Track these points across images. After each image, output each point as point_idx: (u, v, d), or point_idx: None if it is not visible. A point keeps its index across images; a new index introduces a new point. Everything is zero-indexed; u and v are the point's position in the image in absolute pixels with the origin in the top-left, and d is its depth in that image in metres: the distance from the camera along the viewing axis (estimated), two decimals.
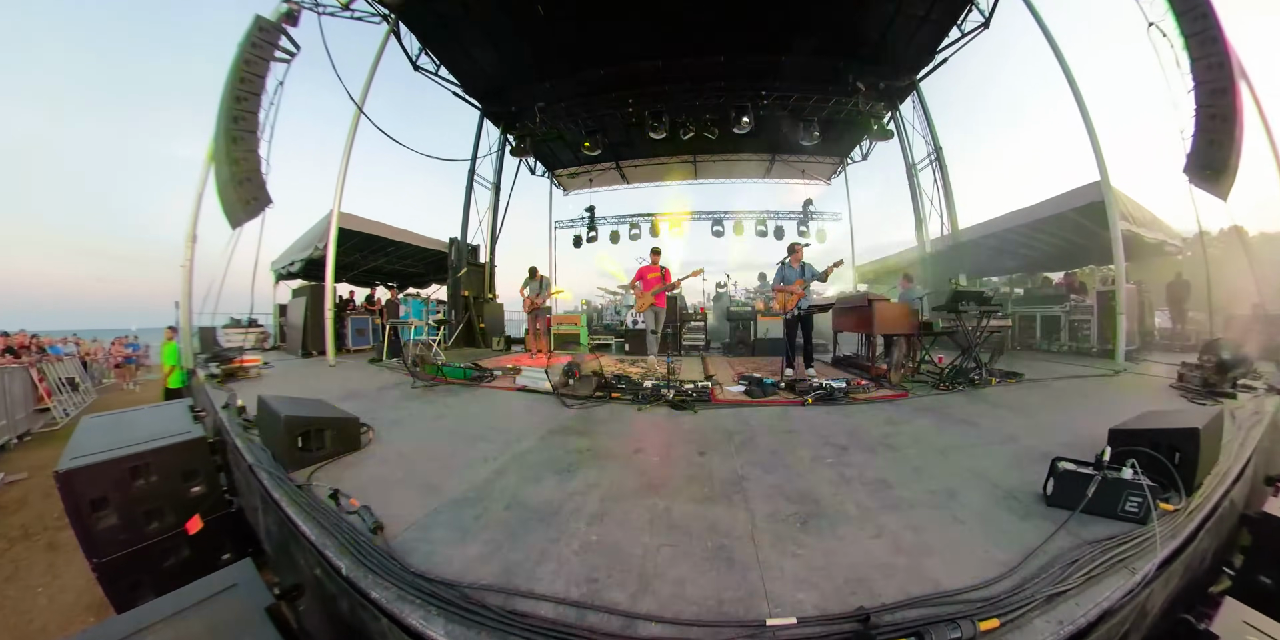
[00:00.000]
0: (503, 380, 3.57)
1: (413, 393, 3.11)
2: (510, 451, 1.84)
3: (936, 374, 3.36)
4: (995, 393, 2.93)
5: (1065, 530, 1.16)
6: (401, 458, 1.79)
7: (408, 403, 2.80)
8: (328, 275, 4.76)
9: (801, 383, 3.05)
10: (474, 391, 3.18)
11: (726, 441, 1.97)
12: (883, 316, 3.38)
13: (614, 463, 1.71)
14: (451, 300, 7.45)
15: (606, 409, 2.61)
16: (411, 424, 2.28)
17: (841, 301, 4.37)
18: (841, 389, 2.83)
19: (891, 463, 1.68)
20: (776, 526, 1.24)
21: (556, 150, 9.60)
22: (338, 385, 3.41)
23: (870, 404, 2.67)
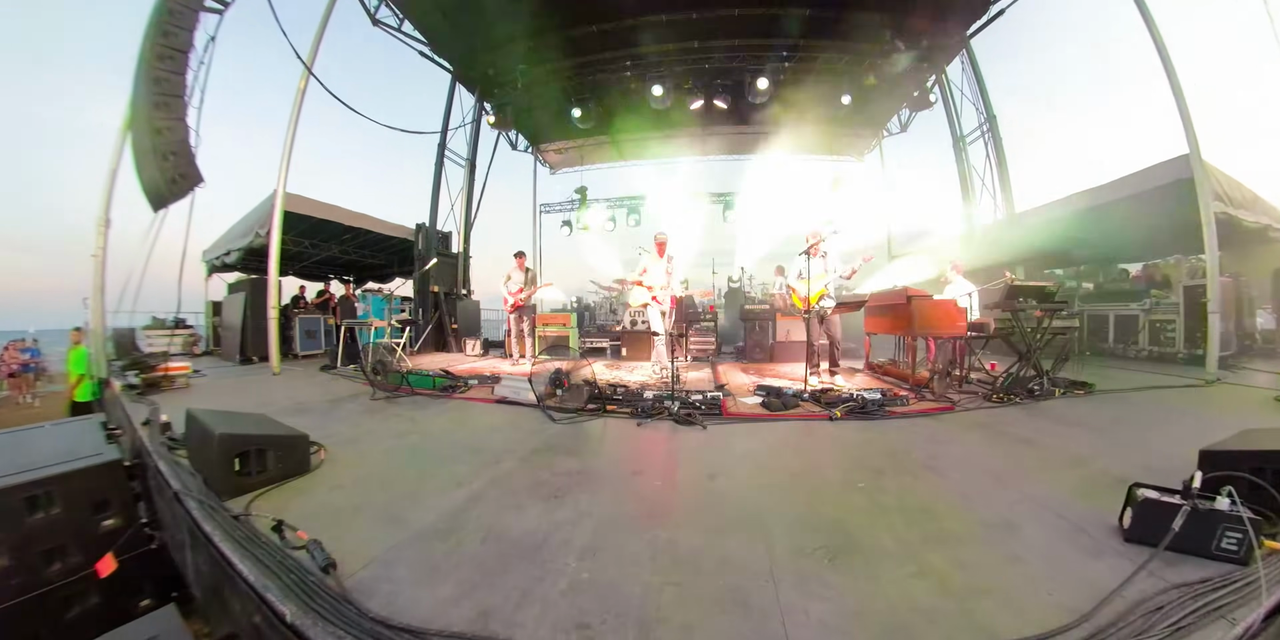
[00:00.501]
0: (479, 390, 3.59)
1: (373, 405, 3.12)
2: (488, 474, 1.83)
3: (989, 384, 3.34)
4: (1060, 406, 2.89)
5: (1147, 571, 1.13)
6: (359, 482, 1.79)
7: (367, 417, 2.80)
8: (271, 267, 4.67)
9: (829, 394, 3.06)
10: (445, 404, 3.18)
11: (741, 462, 1.97)
12: (924, 316, 3.37)
13: (609, 487, 1.71)
14: (419, 296, 7.48)
15: (600, 424, 2.61)
16: (371, 442, 2.28)
17: (875, 298, 4.37)
18: (876, 401, 2.84)
19: (935, 488, 1.67)
20: (800, 563, 1.23)
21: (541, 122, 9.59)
22: (283, 397, 3.40)
23: (910, 418, 2.67)
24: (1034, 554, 1.25)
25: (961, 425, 2.50)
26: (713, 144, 10.71)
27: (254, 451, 1.70)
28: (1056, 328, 3.36)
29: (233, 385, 4.06)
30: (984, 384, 3.45)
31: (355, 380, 4.18)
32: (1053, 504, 1.52)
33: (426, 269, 6.86)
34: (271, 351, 4.69)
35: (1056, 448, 2.07)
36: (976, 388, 3.40)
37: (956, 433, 2.37)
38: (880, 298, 4.30)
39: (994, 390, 3.11)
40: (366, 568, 1.22)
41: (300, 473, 1.82)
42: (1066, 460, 1.92)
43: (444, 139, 7.94)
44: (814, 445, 2.22)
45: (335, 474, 1.85)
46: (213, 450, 1.63)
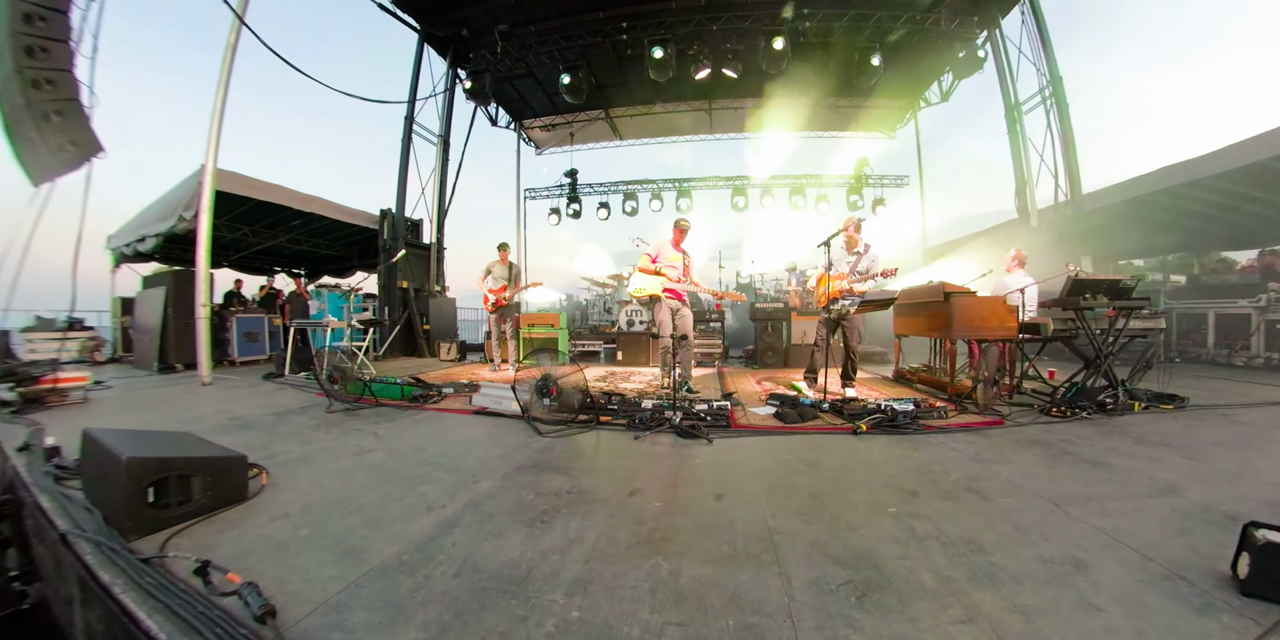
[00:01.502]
0: (454, 400, 3.59)
1: (328, 419, 3.09)
2: (463, 496, 1.82)
3: (1047, 395, 3.28)
4: (1141, 422, 2.79)
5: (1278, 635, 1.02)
6: (309, 509, 1.74)
7: (320, 432, 2.76)
8: (200, 257, 4.43)
9: (852, 404, 3.05)
10: (414, 416, 3.16)
11: (752, 481, 1.97)
12: (966, 315, 3.33)
13: (603, 509, 1.70)
14: (384, 293, 7.47)
15: (593, 437, 2.61)
16: (325, 461, 2.25)
17: (906, 295, 4.34)
18: (908, 412, 2.82)
19: (982, 516, 1.63)
20: (823, 599, 1.20)
21: (526, 93, 9.60)
22: (216, 411, 3.33)
23: (949, 433, 2.63)
24: (1113, 602, 1.17)
25: (1013, 442, 2.44)
26: (721, 121, 10.71)
27: (174, 478, 1.58)
28: (1136, 329, 3.22)
29: (149, 399, 3.90)
30: (1040, 395, 3.38)
31: (307, 390, 4.13)
32: (1135, 541, 1.45)
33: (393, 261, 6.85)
34: (201, 357, 4.50)
35: (1137, 472, 1.99)
36: (1031, 399, 3.33)
37: (1006, 451, 2.31)
38: (912, 295, 4.25)
39: (1054, 402, 3.04)
40: (314, 613, 1.16)
41: (235, 501, 1.75)
42: (1152, 488, 1.84)
43: (411, 111, 7.83)
44: (836, 462, 2.20)
45: (279, 501, 1.80)
46: (118, 479, 1.51)
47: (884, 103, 9.63)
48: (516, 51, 7.56)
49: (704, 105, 10.07)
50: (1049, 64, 6.72)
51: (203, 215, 4.46)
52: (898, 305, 4.30)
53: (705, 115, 10.39)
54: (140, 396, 4.01)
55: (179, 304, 5.44)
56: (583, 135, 11.41)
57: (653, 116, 10.47)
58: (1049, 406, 3.01)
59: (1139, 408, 3.03)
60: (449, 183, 8.65)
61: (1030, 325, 3.41)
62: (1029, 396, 3.42)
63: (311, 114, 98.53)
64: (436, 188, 8.47)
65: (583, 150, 11.97)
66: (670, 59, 6.92)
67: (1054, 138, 6.85)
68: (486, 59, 7.58)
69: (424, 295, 7.97)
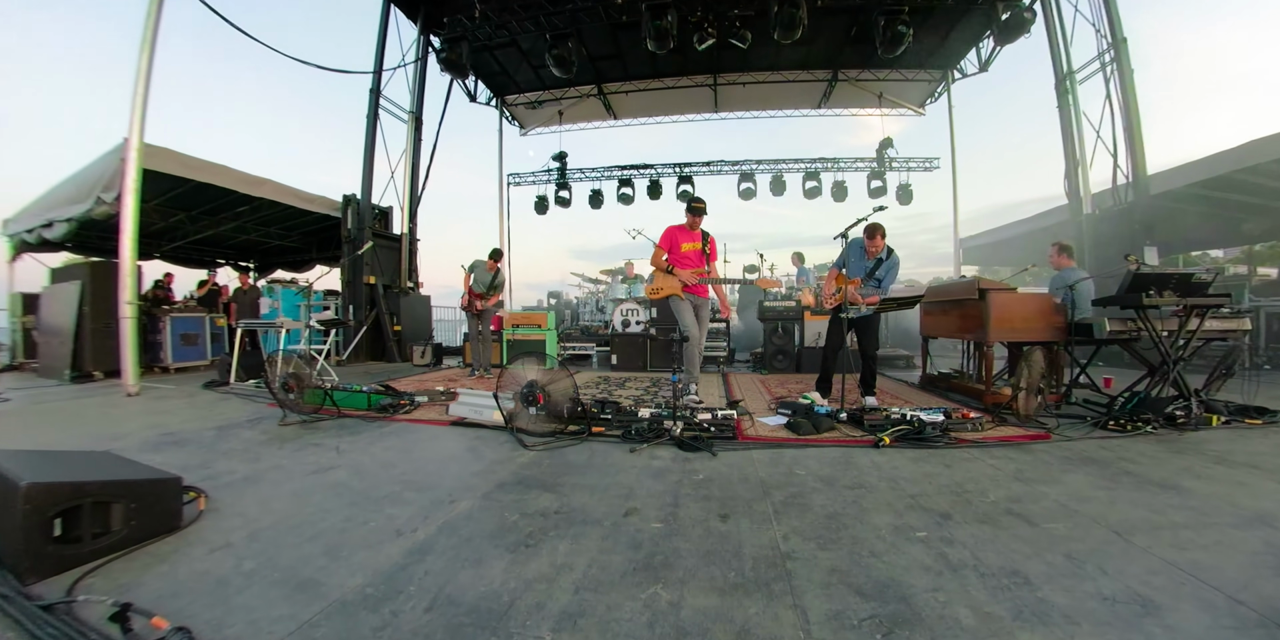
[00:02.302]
0: (429, 409, 3.60)
1: (281, 432, 3.07)
2: (438, 517, 1.80)
3: (1103, 405, 3.24)
4: (1220, 439, 2.72)
5: None
6: (256, 537, 1.70)
7: (271, 448, 2.73)
8: (124, 247, 4.23)
9: (872, 414, 3.05)
10: (383, 428, 3.16)
11: (762, 499, 1.97)
12: (1004, 314, 3.31)
13: (595, 531, 1.70)
14: (349, 290, 7.41)
15: (584, 450, 2.62)
16: (277, 481, 2.22)
17: (935, 291, 4.33)
18: (937, 424, 2.81)
19: (1027, 543, 1.60)
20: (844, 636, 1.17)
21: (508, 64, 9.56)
22: (144, 426, 3.25)
23: (985, 448, 2.61)
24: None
25: (1062, 459, 2.41)
26: (728, 98, 10.73)
27: (88, 506, 1.50)
28: (1213, 331, 3.14)
29: (59, 413, 3.78)
30: (1094, 405, 3.32)
31: (257, 400, 4.10)
32: (1218, 579, 1.38)
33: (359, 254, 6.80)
34: (125, 363, 4.29)
35: (1218, 498, 1.93)
36: (1083, 410, 3.28)
37: (1054, 469, 2.28)
38: (942, 292, 4.25)
39: (1111, 414, 3.00)
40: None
41: (166, 531, 1.69)
42: (1238, 518, 1.76)
43: (377, 83, 7.75)
44: (855, 479, 2.19)
45: (221, 528, 1.75)
46: (14, 510, 1.43)
47: (913, 74, 9.64)
48: (497, 16, 7.52)
49: (708, 80, 10.06)
50: (1111, 23, 6.40)
51: (127, 198, 4.24)
52: (925, 303, 4.29)
53: (710, 91, 10.39)
54: (48, 410, 3.90)
55: (97, 301, 5.26)
56: (573, 114, 11.39)
57: (651, 93, 10.46)
58: (1105, 419, 2.96)
59: (1218, 422, 2.92)
60: (422, 166, 8.63)
61: (1082, 326, 3.36)
62: (1080, 407, 3.38)
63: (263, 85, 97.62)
64: (408, 171, 8.43)
65: (573, 131, 11.98)
66: (671, 27, 6.81)
67: (1114, 110, 6.56)
68: (463, 25, 7.52)
69: (394, 292, 7.93)
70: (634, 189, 11.30)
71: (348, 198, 7.41)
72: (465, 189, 63.01)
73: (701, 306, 3.84)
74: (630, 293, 7.98)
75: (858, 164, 10.77)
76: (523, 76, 10.01)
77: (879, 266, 3.55)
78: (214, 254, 9.28)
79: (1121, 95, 6.49)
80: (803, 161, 10.87)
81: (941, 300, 4.12)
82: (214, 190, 6.01)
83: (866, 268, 3.59)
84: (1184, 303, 3.02)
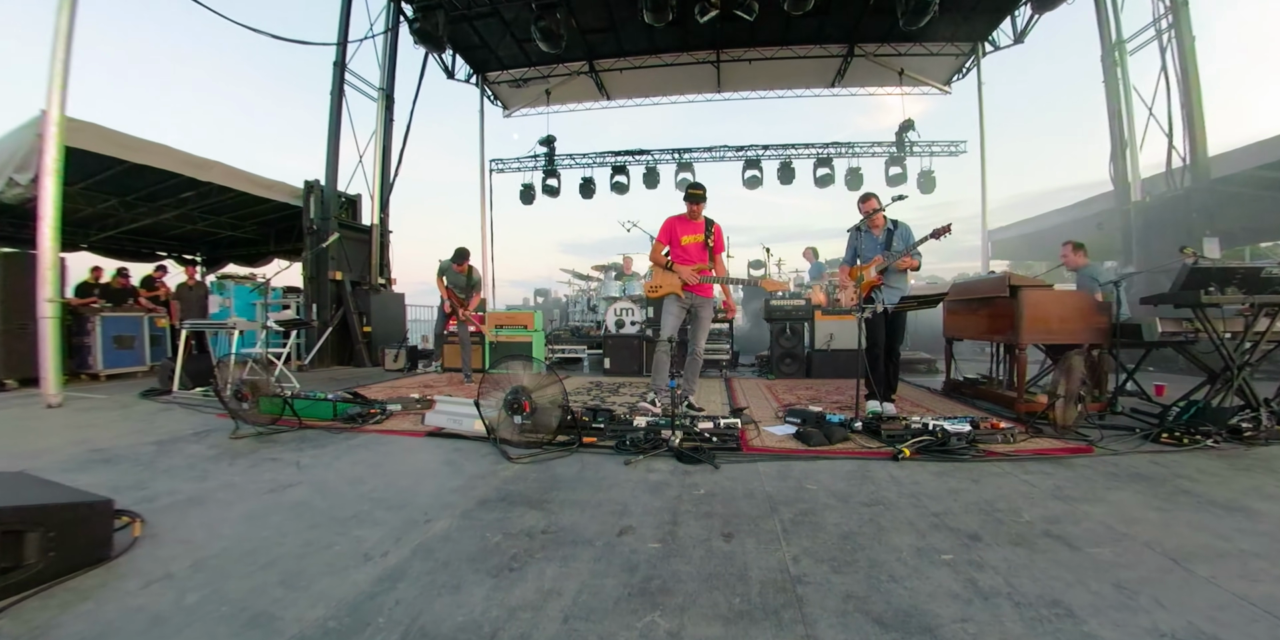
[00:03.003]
0: (402, 419, 3.60)
1: (233, 447, 3.04)
2: (412, 539, 1.79)
3: (1154, 416, 3.23)
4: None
5: None
6: (201, 566, 1.66)
7: (221, 464, 2.71)
8: (43, 235, 4.09)
9: (891, 423, 3.03)
10: (350, 440, 3.16)
11: (769, 517, 1.98)
12: (1039, 313, 3.29)
13: (586, 552, 1.70)
14: (312, 287, 7.33)
15: (574, 463, 2.64)
16: (227, 502, 2.19)
17: (960, 289, 4.32)
18: (963, 435, 2.79)
19: (1069, 569, 1.58)
20: None
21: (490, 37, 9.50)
22: (69, 442, 3.19)
23: (1018, 461, 2.60)
24: None
25: (1106, 475, 2.41)
26: (732, 76, 10.73)
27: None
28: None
29: None
30: (1144, 416, 3.31)
31: (205, 410, 4.05)
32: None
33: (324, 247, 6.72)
34: (45, 370, 4.15)
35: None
36: (1130, 421, 3.27)
37: (1098, 486, 2.28)
38: (968, 289, 4.25)
39: (1163, 425, 2.98)
40: None
41: (94, 562, 1.64)
42: None
43: (343, 56, 7.65)
44: (872, 495, 2.20)
45: (159, 557, 1.70)
46: None
47: (938, 48, 9.57)
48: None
49: (711, 56, 10.05)
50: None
51: (46, 180, 4.08)
52: (949, 302, 4.28)
53: (712, 69, 10.39)
54: None
55: (10, 297, 5.14)
56: (561, 93, 11.35)
57: (648, 70, 10.43)
58: (1157, 431, 2.93)
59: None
60: (394, 149, 8.57)
61: (1129, 327, 3.33)
62: (1127, 417, 3.38)
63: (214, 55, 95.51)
64: (379, 155, 8.37)
65: (562, 112, 11.94)
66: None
67: (1170, 84, 6.36)
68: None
69: (363, 289, 7.87)
70: (629, 177, 11.28)
71: (310, 184, 7.30)
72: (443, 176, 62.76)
73: (702, 306, 3.78)
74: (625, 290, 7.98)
75: (874, 149, 10.77)
76: (506, 51, 9.94)
77: (891, 237, 3.59)
78: (154, 245, 9.14)
79: (1180, 66, 6.24)
80: (814, 146, 10.87)
81: (967, 298, 4.10)
82: (153, 173, 5.88)
83: (879, 243, 3.65)
84: (1251, 301, 2.95)
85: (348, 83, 7.77)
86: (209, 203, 7.28)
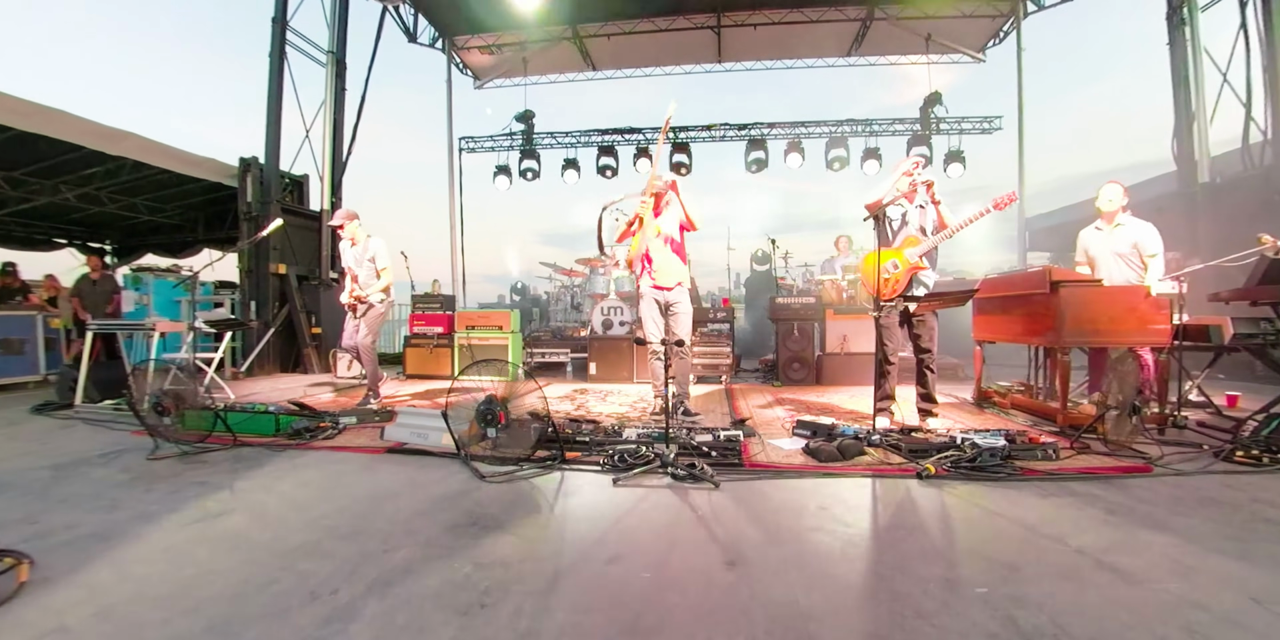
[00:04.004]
0: (358, 434, 3.61)
1: (151, 469, 2.97)
2: (367, 574, 1.77)
3: (1226, 430, 3.23)
4: None
5: None
6: (108, 615, 1.58)
7: (136, 491, 2.62)
8: None
9: (914, 437, 3.03)
10: (296, 459, 3.14)
11: (775, 542, 1.98)
12: (1084, 312, 3.30)
13: (569, 585, 1.70)
14: (250, 281, 7.22)
15: (555, 482, 2.68)
16: (143, 536, 2.12)
17: (994, 285, 4.31)
18: (997, 450, 2.79)
19: (1127, 609, 1.55)
20: None
21: None
22: None
23: (1061, 481, 2.60)
24: None
25: (1170, 499, 2.39)
26: (735, 43, 10.72)
27: None
28: None
29: None
30: (1214, 430, 3.30)
31: (117, 427, 3.95)
32: None
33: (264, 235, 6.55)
34: None
35: None
36: (1197, 436, 3.27)
37: (1159, 511, 2.26)
38: (1002, 285, 4.26)
39: (1239, 442, 2.97)
40: None
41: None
42: None
43: (283, 10, 7.50)
44: (894, 518, 2.21)
45: (52, 606, 1.62)
46: None
47: (971, 9, 9.47)
48: None
49: (710, 21, 10.02)
50: None
51: None
52: (980, 300, 4.29)
53: (712, 36, 10.36)
54: None
55: None
56: (541, 62, 11.27)
57: (639, 37, 10.37)
58: (1230, 449, 2.91)
59: None
60: (347, 124, 8.46)
61: (1194, 328, 3.33)
62: (1194, 432, 3.37)
63: (126, 9, 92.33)
64: (329, 130, 8.26)
65: (541, 84, 11.85)
66: None
67: (1249, 45, 6.19)
68: None
69: (312, 285, 7.78)
70: (618, 159, 11.22)
71: (247, 161, 7.15)
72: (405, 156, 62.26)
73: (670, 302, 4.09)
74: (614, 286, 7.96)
75: (896, 126, 10.78)
76: (477, 12, 9.83)
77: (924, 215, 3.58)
78: (51, 231, 8.89)
79: (1263, 23, 6.00)
80: (826, 124, 10.89)
81: (1001, 296, 4.11)
82: (49, 144, 5.62)
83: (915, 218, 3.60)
84: None
85: (290, 44, 7.62)
86: (121, 181, 7.06)
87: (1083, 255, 4.02)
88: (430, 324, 6.82)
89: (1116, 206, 3.78)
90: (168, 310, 6.45)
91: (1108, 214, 3.83)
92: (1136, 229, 3.75)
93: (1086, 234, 4.02)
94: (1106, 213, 3.83)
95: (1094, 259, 3.91)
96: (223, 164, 7.15)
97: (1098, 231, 3.93)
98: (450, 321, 6.77)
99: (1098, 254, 3.88)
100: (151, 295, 6.53)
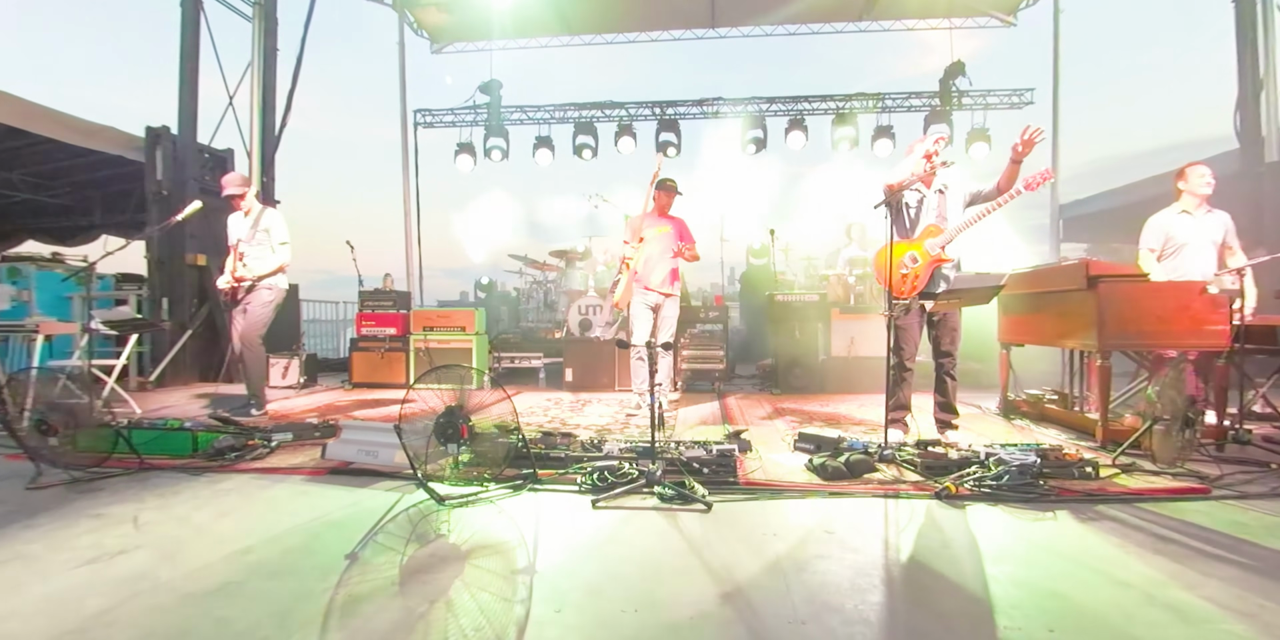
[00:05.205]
0: (294, 452, 3.61)
1: (29, 502, 2.90)
2: (303, 618, 1.74)
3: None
4: None
5: None
6: None
7: (9, 528, 2.56)
8: None
9: (932, 452, 3.07)
10: (218, 484, 3.12)
11: (775, 572, 2.00)
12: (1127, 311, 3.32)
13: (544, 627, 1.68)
14: (159, 275, 7.10)
15: (527, 504, 2.72)
16: (17, 582, 2.06)
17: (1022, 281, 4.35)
18: (1027, 467, 2.80)
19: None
20: None
21: None
22: None
23: (1103, 503, 2.62)
24: None
25: (1232, 525, 2.39)
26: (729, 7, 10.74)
27: None
28: None
29: None
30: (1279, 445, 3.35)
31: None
32: None
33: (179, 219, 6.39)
34: None
35: None
36: (1263, 453, 3.30)
37: (1220, 538, 2.26)
38: (1032, 280, 4.30)
39: None
40: None
41: None
42: None
43: None
44: (909, 542, 2.24)
45: None
46: None
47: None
48: None
49: None
50: None
51: None
52: (1005, 297, 4.32)
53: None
54: None
55: None
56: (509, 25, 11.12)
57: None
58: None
59: None
60: (280, 90, 8.33)
61: (1259, 329, 3.37)
62: (1259, 448, 3.39)
63: None
64: (258, 98, 8.14)
65: (510, 49, 11.76)
66: None
67: None
68: None
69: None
70: (597, 137, 11.20)
71: (156, 131, 6.95)
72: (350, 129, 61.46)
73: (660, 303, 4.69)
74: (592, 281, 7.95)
75: (912, 101, 10.84)
76: None
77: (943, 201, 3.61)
78: None
79: None
80: (833, 99, 10.95)
81: (1031, 292, 4.15)
82: None
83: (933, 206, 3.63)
84: None
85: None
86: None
87: (1159, 243, 4.07)
88: (381, 325, 6.79)
89: (1211, 190, 3.89)
90: (55, 308, 6.27)
91: (1203, 197, 3.94)
92: (1224, 215, 3.89)
93: (1168, 219, 4.08)
94: (1202, 196, 3.94)
95: (1181, 247, 3.99)
96: (125, 134, 6.95)
97: (1186, 216, 4.01)
98: (405, 322, 6.74)
99: (1188, 240, 3.96)
100: (34, 291, 6.33)
